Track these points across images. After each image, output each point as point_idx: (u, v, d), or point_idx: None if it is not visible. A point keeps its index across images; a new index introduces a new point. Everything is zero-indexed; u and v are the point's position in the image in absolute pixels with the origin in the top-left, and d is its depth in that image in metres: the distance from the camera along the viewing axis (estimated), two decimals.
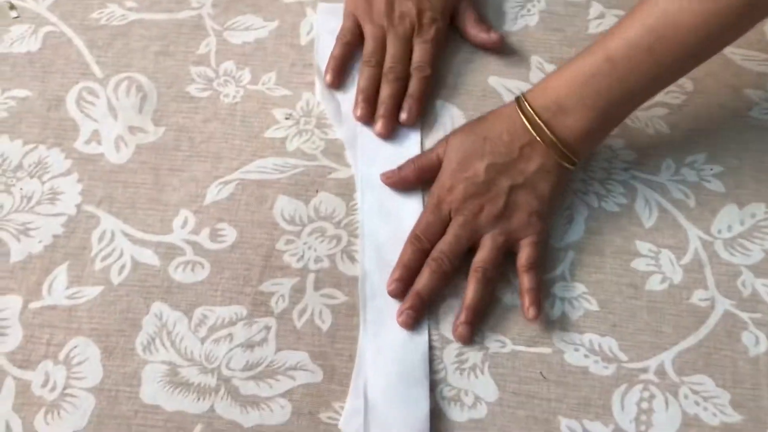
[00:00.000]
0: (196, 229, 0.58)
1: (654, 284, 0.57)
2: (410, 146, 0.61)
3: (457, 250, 0.55)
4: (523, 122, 0.56)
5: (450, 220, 0.56)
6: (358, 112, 0.62)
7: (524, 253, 0.55)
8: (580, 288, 0.56)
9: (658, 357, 0.54)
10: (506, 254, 0.56)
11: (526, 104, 0.56)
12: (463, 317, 0.54)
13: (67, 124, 0.62)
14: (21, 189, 0.59)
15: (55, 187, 0.60)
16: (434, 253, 0.55)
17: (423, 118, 0.63)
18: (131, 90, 0.63)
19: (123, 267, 0.57)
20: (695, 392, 0.53)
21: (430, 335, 0.55)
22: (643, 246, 0.58)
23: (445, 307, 0.56)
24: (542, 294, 0.55)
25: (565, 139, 0.55)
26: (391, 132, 0.61)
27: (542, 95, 0.56)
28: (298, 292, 0.56)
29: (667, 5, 0.51)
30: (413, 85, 0.62)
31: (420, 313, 0.55)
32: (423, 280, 0.55)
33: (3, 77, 0.64)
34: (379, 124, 0.61)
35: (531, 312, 0.54)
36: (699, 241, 0.58)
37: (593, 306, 0.56)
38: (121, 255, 0.57)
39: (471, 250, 0.56)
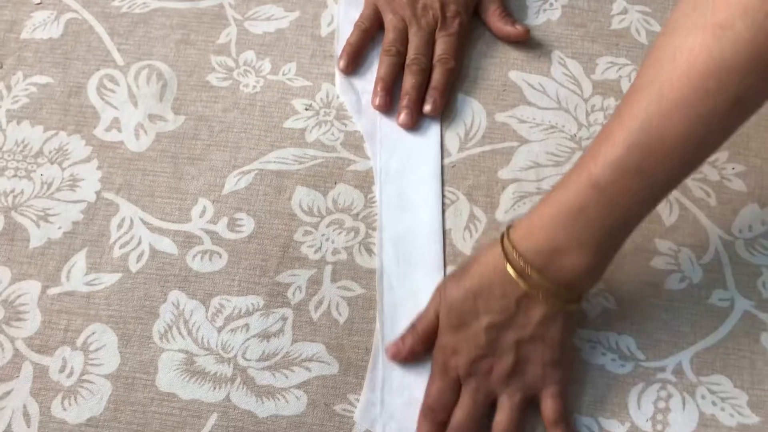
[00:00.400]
0: (214, 219, 0.58)
1: (673, 283, 0.56)
2: (430, 139, 0.61)
3: (476, 415, 0.51)
4: (513, 276, 0.49)
5: (459, 382, 0.51)
6: (377, 101, 0.61)
7: (548, 407, 0.51)
8: (598, 285, 0.56)
9: (675, 356, 0.54)
10: (527, 409, 0.52)
11: (513, 252, 0.49)
12: None
13: (87, 111, 0.62)
14: (41, 175, 0.60)
15: (75, 174, 0.60)
16: (453, 423, 0.51)
17: (443, 112, 0.62)
18: (152, 78, 0.63)
19: (141, 255, 0.57)
20: (713, 392, 0.53)
21: None
22: (662, 244, 0.57)
23: None
24: None
25: (565, 282, 0.49)
26: (415, 123, 0.61)
27: (530, 237, 0.49)
28: (315, 283, 0.56)
29: (649, 116, 0.44)
30: (437, 77, 0.62)
31: None
32: None
33: (24, 63, 0.64)
34: (403, 115, 0.61)
35: None
36: (719, 241, 0.58)
37: (611, 304, 0.56)
38: (139, 243, 0.57)
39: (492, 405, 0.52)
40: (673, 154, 0.45)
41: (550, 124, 0.62)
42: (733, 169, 0.60)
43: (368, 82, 0.63)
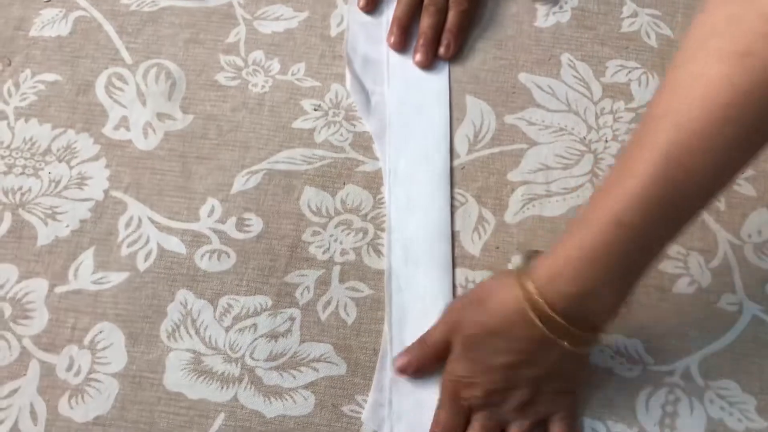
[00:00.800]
0: (223, 218, 0.58)
1: (682, 287, 0.56)
2: (439, 141, 0.61)
3: None
4: (536, 322, 0.47)
5: (470, 410, 0.51)
6: (392, 39, 0.64)
7: (556, 430, 0.51)
8: None
9: (684, 360, 0.54)
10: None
11: (537, 296, 0.47)
12: None
13: (95, 109, 0.62)
14: (49, 173, 0.60)
15: (83, 172, 0.60)
16: None
17: (452, 114, 0.62)
18: (160, 77, 0.63)
19: (149, 254, 0.57)
20: (721, 397, 0.53)
21: None
22: (671, 248, 0.57)
23: None
24: None
25: (590, 324, 0.48)
26: (431, 63, 0.63)
27: (555, 281, 0.46)
28: (323, 284, 0.56)
29: (668, 147, 0.42)
30: (452, 19, 0.64)
31: None
32: None
33: (33, 61, 0.64)
34: (419, 55, 0.63)
35: None
36: (728, 245, 0.58)
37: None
38: (147, 242, 0.57)
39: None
40: (697, 183, 0.43)
41: (560, 126, 0.62)
42: (743, 173, 0.60)
43: (378, 83, 0.63)
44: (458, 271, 0.56)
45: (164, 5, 0.67)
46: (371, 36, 0.65)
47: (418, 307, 0.55)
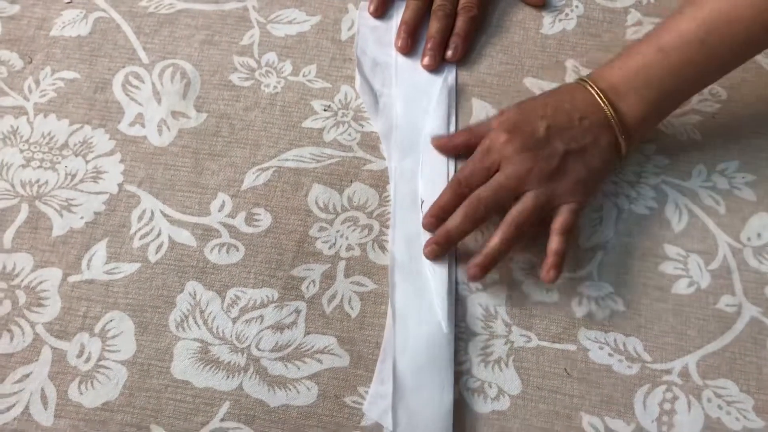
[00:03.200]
0: (233, 213, 0.60)
1: (681, 288, 0.57)
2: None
3: (496, 198, 0.55)
4: (586, 96, 0.56)
5: (496, 170, 0.56)
6: (399, 43, 0.66)
7: (561, 218, 0.56)
8: (607, 288, 0.57)
9: (682, 359, 0.55)
10: (541, 214, 0.56)
11: (589, 84, 0.57)
12: (479, 260, 0.55)
13: (112, 106, 0.64)
14: (66, 167, 0.61)
15: (98, 166, 0.61)
16: (472, 196, 0.56)
17: (458, 117, 0.64)
18: (176, 76, 0.65)
19: (160, 246, 0.58)
20: (719, 396, 0.53)
21: (456, 326, 0.56)
22: (671, 250, 0.58)
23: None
24: (563, 261, 0.55)
25: (621, 120, 0.56)
26: (438, 65, 0.65)
27: (599, 80, 0.57)
28: (328, 278, 0.57)
29: (718, 3, 0.53)
30: (460, 24, 0.66)
31: (445, 249, 0.56)
32: (455, 220, 0.56)
33: (53, 59, 0.66)
34: (427, 58, 0.65)
35: (550, 274, 0.54)
36: (728, 248, 0.58)
37: (620, 306, 0.56)
38: (159, 234, 0.59)
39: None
40: (739, 34, 0.53)
41: None
42: (743, 178, 0.61)
43: (386, 85, 0.65)
44: (460, 268, 0.58)
45: (181, 7, 0.69)
46: (380, 39, 0.67)
47: (419, 301, 0.56)
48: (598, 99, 0.56)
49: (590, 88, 0.57)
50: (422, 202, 0.59)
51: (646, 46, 0.56)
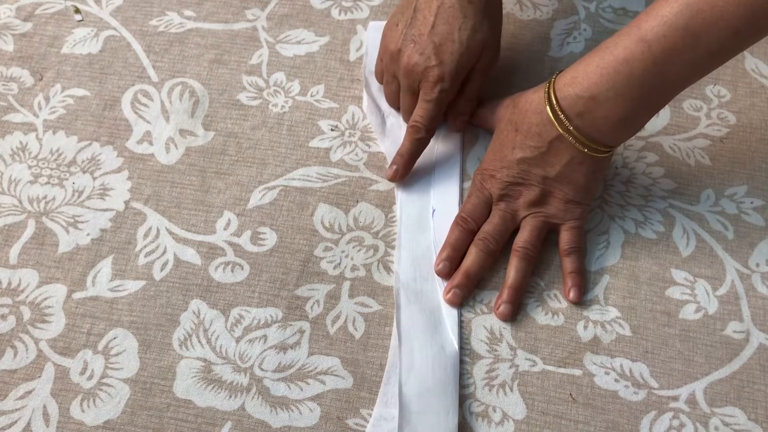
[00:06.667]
0: (238, 231, 0.60)
1: (688, 313, 0.57)
2: (451, 163, 0.62)
3: (502, 230, 0.58)
4: (551, 118, 0.54)
5: (492, 202, 0.58)
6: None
7: (564, 238, 0.57)
8: (613, 312, 0.57)
9: (689, 386, 0.54)
10: (546, 235, 0.58)
11: (554, 96, 0.54)
12: (505, 296, 0.56)
13: (120, 123, 0.64)
14: (73, 183, 0.62)
15: (105, 183, 0.62)
16: (480, 234, 0.57)
17: (465, 137, 0.64)
18: (184, 95, 0.66)
19: (165, 264, 0.58)
20: (726, 424, 0.53)
21: (461, 348, 0.55)
22: (678, 274, 0.58)
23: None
24: (585, 279, 0.57)
25: (598, 131, 0.53)
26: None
27: (572, 84, 0.53)
28: (333, 298, 0.57)
29: None
30: (404, 145, 0.61)
31: (467, 292, 0.57)
32: (470, 259, 0.57)
33: (64, 76, 0.67)
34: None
35: (572, 294, 0.56)
36: (736, 273, 0.58)
37: (626, 331, 0.56)
38: (164, 252, 0.59)
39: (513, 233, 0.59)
40: (722, 19, 0.48)
41: None
42: (752, 203, 0.61)
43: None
44: None
45: (191, 27, 0.69)
46: None
47: (425, 321, 0.55)
48: (563, 119, 0.53)
49: (554, 105, 0.53)
50: (433, 211, 0.60)
51: (626, 37, 0.51)
